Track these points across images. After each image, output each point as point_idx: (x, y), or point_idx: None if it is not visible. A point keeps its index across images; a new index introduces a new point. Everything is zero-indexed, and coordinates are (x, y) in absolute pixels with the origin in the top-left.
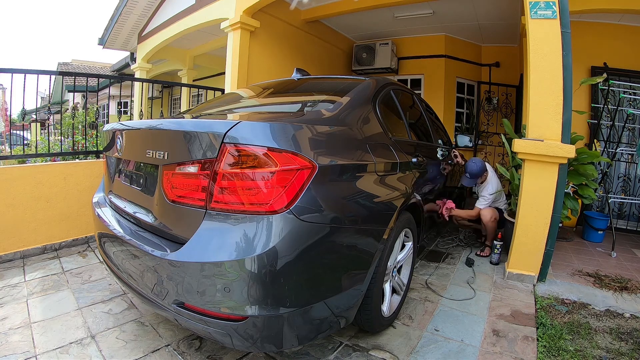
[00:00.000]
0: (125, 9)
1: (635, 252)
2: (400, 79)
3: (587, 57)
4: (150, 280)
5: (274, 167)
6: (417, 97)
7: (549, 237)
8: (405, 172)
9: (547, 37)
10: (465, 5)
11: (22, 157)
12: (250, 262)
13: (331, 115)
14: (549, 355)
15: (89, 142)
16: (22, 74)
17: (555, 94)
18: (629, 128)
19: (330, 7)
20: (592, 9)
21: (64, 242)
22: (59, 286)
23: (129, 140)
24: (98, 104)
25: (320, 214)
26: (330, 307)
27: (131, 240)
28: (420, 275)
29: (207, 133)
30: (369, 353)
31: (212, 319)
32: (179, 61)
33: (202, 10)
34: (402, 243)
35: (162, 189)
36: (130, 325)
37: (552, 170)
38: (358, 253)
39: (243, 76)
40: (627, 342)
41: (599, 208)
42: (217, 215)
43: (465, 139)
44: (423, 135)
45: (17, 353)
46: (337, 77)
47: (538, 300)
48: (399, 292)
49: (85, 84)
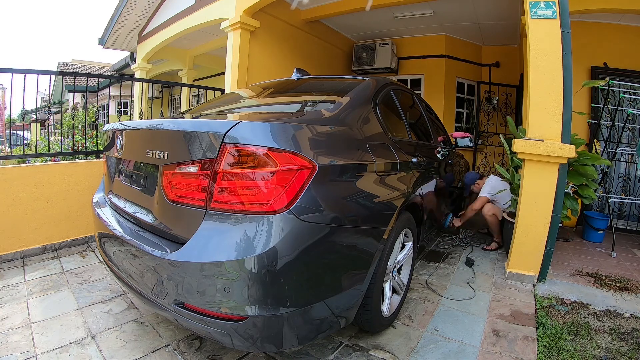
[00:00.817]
0: (125, 9)
1: (635, 252)
2: (400, 79)
3: (587, 57)
4: (150, 280)
5: (274, 167)
6: (417, 97)
7: (549, 237)
8: (405, 172)
9: (547, 37)
10: (465, 5)
11: (22, 157)
12: (251, 262)
13: (331, 115)
14: (549, 355)
15: (89, 142)
16: (22, 74)
17: (555, 94)
18: (629, 128)
19: (330, 7)
20: (592, 9)
21: (64, 242)
22: (59, 286)
23: (129, 140)
24: (98, 104)
25: (320, 214)
26: (330, 307)
27: (131, 240)
28: (420, 275)
29: (207, 133)
30: (369, 353)
31: (212, 319)
32: (179, 61)
33: (202, 10)
34: (402, 243)
35: (162, 189)
36: (130, 325)
37: (552, 170)
38: (358, 253)
39: (243, 76)
40: (627, 342)
41: (599, 208)
42: (217, 215)
43: (465, 139)
44: (423, 135)
45: (17, 353)
46: (337, 77)
47: (538, 300)
48: (399, 292)
49: (85, 84)
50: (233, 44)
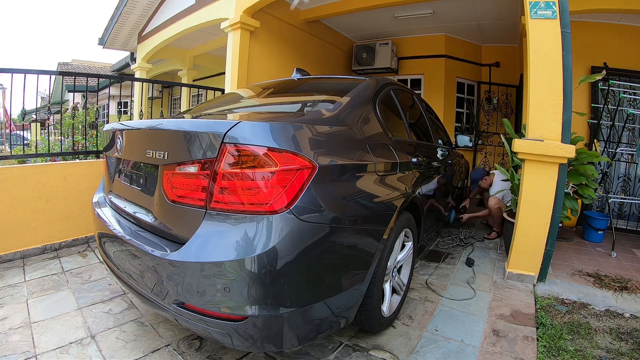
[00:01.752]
0: (125, 9)
1: (635, 252)
2: (400, 79)
3: (587, 57)
4: (150, 280)
5: (274, 167)
6: (417, 97)
7: (549, 237)
8: (405, 172)
9: (547, 37)
10: (465, 5)
11: (22, 157)
12: (250, 262)
13: (331, 115)
14: (549, 355)
15: (89, 142)
16: (22, 74)
17: (555, 94)
18: (629, 128)
19: (330, 7)
20: (592, 9)
21: (64, 242)
22: (59, 286)
23: (129, 140)
24: (98, 104)
25: (320, 213)
26: (330, 307)
27: (131, 240)
28: (420, 275)
29: (207, 133)
30: (369, 353)
31: (212, 319)
32: (179, 61)
33: (202, 10)
34: (402, 243)
35: (162, 189)
36: (130, 325)
37: (552, 170)
38: (358, 253)
39: (243, 76)
40: (627, 342)
41: (599, 208)
42: (217, 215)
43: (465, 139)
44: (423, 135)
45: (17, 353)
46: (337, 77)
47: (538, 300)
48: (399, 292)
49: (85, 84)
50: (233, 44)
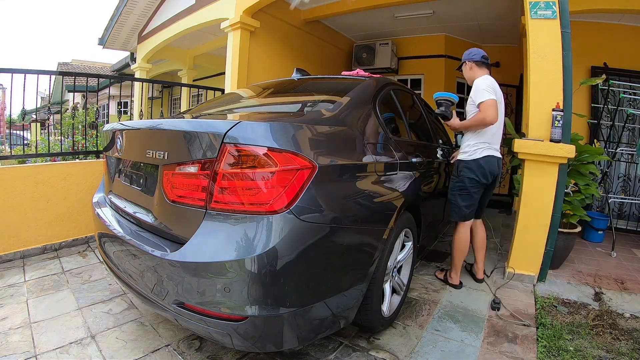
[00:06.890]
0: (125, 9)
1: (635, 252)
2: (400, 79)
3: (587, 57)
4: (150, 280)
5: (274, 167)
6: (417, 97)
7: (549, 237)
8: (405, 172)
9: (547, 37)
10: (465, 5)
11: (22, 157)
12: (251, 262)
13: (331, 115)
14: (549, 355)
15: (89, 142)
16: (22, 74)
17: (555, 94)
18: (629, 128)
19: (330, 7)
20: (592, 9)
21: (64, 242)
22: (59, 286)
23: (129, 140)
24: (98, 104)
25: (321, 214)
26: (330, 307)
27: (131, 240)
28: (420, 275)
29: (207, 133)
30: (369, 353)
31: (212, 319)
32: (179, 61)
33: (202, 10)
34: (402, 243)
35: (162, 189)
36: (130, 325)
37: (552, 170)
38: (358, 253)
39: (243, 76)
40: (627, 342)
41: (599, 208)
42: (217, 215)
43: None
44: (423, 135)
45: (17, 353)
46: (337, 77)
47: (538, 300)
48: (399, 292)
49: (85, 84)
50: (233, 44)
